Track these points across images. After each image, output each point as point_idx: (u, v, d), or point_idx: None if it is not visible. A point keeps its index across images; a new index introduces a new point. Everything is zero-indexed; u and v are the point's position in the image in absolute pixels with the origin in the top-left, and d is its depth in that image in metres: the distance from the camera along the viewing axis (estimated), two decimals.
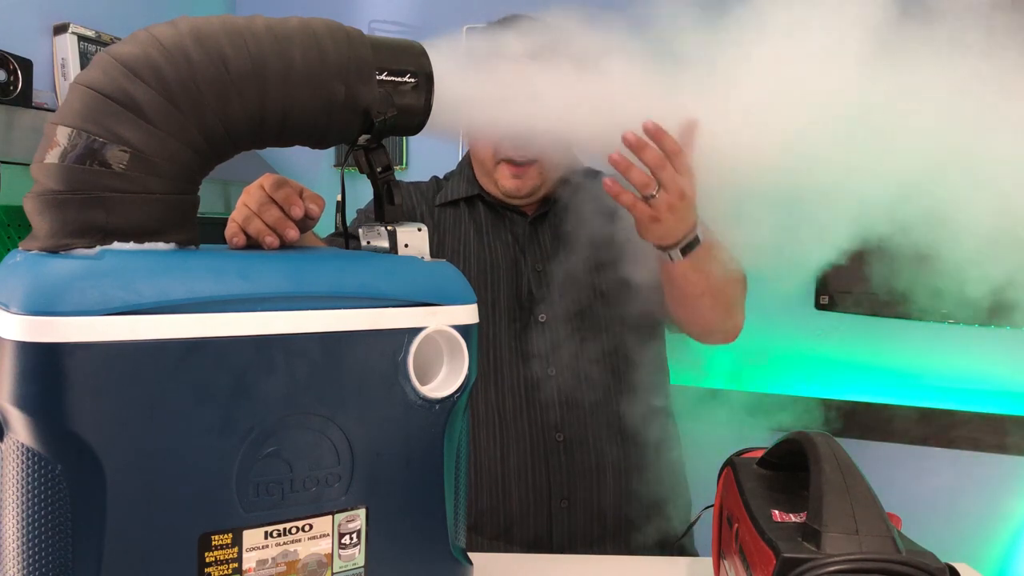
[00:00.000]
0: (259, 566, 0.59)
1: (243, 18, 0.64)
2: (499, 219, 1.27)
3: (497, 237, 1.26)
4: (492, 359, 1.19)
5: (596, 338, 1.21)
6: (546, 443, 1.17)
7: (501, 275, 1.23)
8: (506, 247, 1.25)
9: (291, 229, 0.76)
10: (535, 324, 1.20)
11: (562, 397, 1.18)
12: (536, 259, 1.24)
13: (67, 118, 0.58)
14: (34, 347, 0.51)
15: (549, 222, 1.27)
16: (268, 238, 0.74)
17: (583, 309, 1.21)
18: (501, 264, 1.23)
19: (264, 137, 0.66)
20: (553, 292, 1.21)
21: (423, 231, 0.73)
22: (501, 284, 1.22)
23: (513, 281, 1.23)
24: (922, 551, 0.62)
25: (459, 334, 0.67)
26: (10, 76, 1.59)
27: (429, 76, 0.70)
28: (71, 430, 0.52)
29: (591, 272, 1.23)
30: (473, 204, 1.28)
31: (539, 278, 1.23)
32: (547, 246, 1.25)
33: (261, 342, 0.58)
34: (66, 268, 0.54)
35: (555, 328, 1.20)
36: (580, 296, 1.21)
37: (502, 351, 1.19)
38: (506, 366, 1.19)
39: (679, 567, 0.96)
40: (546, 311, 1.20)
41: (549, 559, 1.01)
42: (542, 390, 1.18)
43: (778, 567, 0.62)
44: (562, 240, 1.25)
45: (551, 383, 1.18)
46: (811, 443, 0.70)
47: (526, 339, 1.19)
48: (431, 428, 0.66)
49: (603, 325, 1.21)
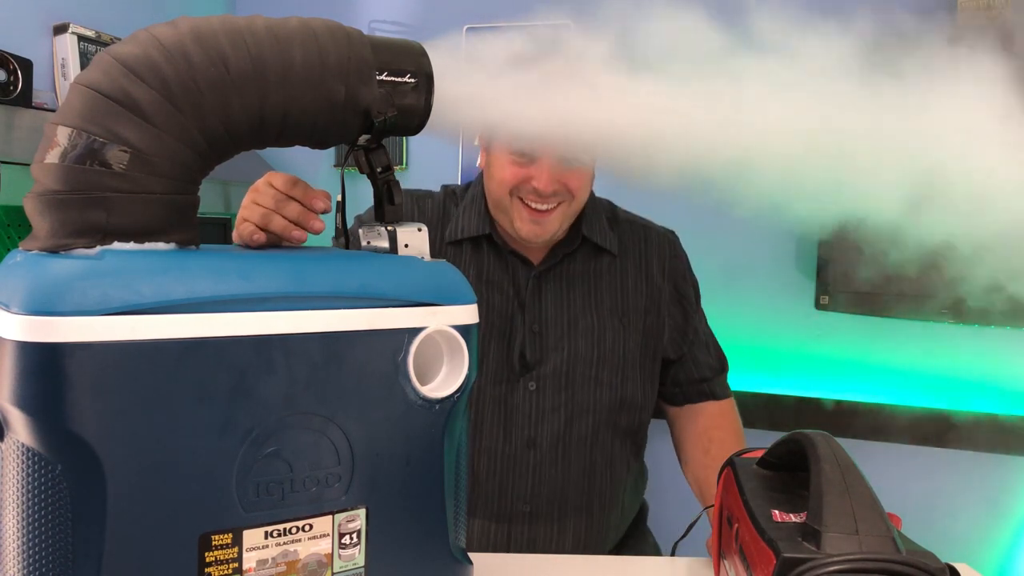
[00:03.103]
0: (259, 566, 0.59)
1: (243, 18, 0.64)
2: (503, 266, 1.20)
3: (498, 287, 1.19)
4: (474, 414, 1.15)
5: (582, 420, 1.17)
6: (512, 512, 1.16)
7: (494, 330, 1.17)
8: (505, 300, 1.18)
9: (316, 221, 0.76)
10: (524, 391, 1.16)
11: (537, 473, 1.16)
12: (535, 319, 1.18)
13: (67, 118, 0.58)
14: (34, 347, 0.51)
15: (555, 278, 1.20)
16: (295, 232, 0.75)
17: (578, 391, 1.17)
18: (496, 320, 1.17)
19: (264, 137, 0.66)
20: (548, 361, 1.16)
21: (423, 231, 0.73)
22: (493, 340, 1.16)
23: (506, 339, 1.17)
24: (922, 551, 0.62)
25: (459, 334, 0.67)
26: (10, 76, 1.59)
27: (429, 76, 0.70)
28: (71, 430, 0.52)
29: (593, 346, 1.18)
30: (479, 243, 1.21)
31: (535, 340, 1.17)
32: (549, 306, 1.19)
33: (261, 342, 0.58)
34: (66, 268, 0.54)
35: (543, 400, 1.16)
36: (576, 373, 1.17)
37: (485, 409, 1.15)
38: (487, 427, 1.15)
39: (679, 567, 0.96)
40: (537, 380, 1.16)
41: (548, 559, 1.01)
42: (518, 462, 1.15)
43: (778, 567, 0.62)
44: (567, 304, 1.19)
45: (528, 456, 1.16)
46: (811, 443, 0.70)
47: (512, 404, 1.16)
48: (431, 428, 0.66)
49: (592, 408, 1.18)
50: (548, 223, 1.13)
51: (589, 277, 1.22)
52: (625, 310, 1.21)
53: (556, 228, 1.14)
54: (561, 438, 1.16)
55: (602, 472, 1.20)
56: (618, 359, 1.20)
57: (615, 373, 1.19)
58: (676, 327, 1.27)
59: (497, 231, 1.20)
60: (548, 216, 1.12)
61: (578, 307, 1.19)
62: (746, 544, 0.70)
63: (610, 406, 1.19)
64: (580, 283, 1.21)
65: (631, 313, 1.22)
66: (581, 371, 1.17)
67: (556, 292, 1.20)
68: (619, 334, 1.20)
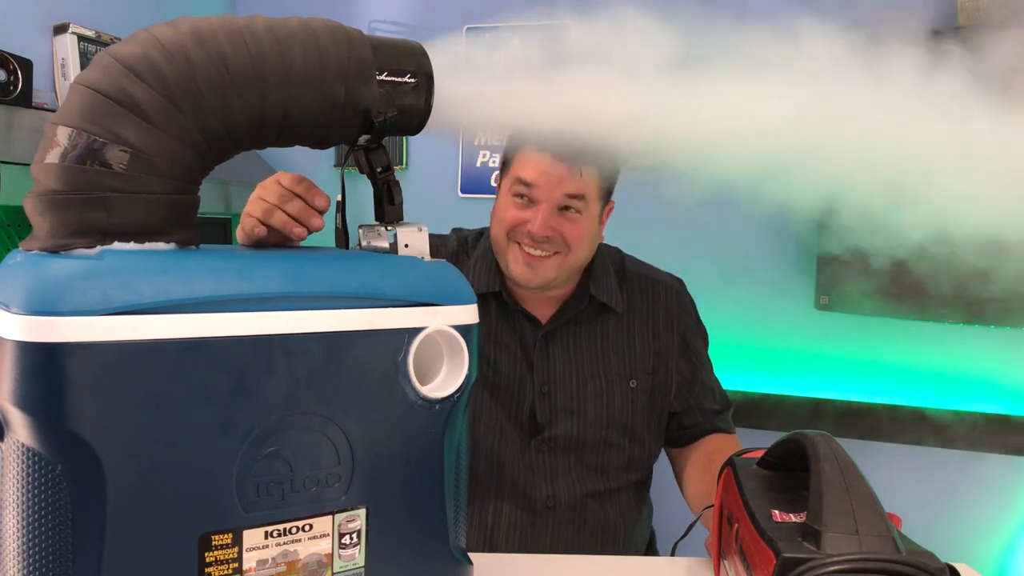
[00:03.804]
0: (259, 566, 0.59)
1: (243, 18, 0.64)
2: (511, 325, 1.20)
3: (506, 347, 1.19)
4: (495, 475, 1.17)
5: (594, 478, 1.20)
6: None
7: (502, 392, 1.18)
8: (513, 360, 1.19)
9: (316, 218, 0.77)
10: (536, 451, 1.18)
11: (555, 530, 1.18)
12: (543, 380, 1.19)
13: (67, 118, 0.58)
14: (34, 347, 0.51)
15: (563, 338, 1.21)
16: (296, 229, 0.76)
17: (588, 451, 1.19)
18: (504, 381, 1.18)
19: (264, 137, 0.66)
20: (558, 423, 1.18)
21: (423, 231, 0.73)
22: (504, 402, 1.18)
23: (515, 401, 1.18)
24: (922, 551, 0.62)
25: (459, 334, 0.67)
26: (10, 76, 1.59)
27: (429, 76, 0.70)
28: (71, 430, 0.52)
29: (602, 410, 1.20)
30: (487, 300, 1.20)
31: (544, 402, 1.18)
32: (557, 367, 1.19)
33: (261, 342, 0.58)
34: (66, 268, 0.54)
35: (556, 460, 1.18)
36: (587, 436, 1.18)
37: (504, 469, 1.17)
38: (508, 485, 1.17)
39: (679, 567, 0.96)
40: (548, 441, 1.18)
41: (547, 559, 1.01)
42: (538, 519, 1.17)
43: (778, 567, 0.62)
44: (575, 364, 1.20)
45: (548, 515, 1.18)
46: (811, 443, 0.70)
47: (527, 464, 1.18)
48: (431, 428, 0.66)
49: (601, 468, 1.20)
50: (541, 269, 1.13)
51: (596, 337, 1.22)
52: (633, 371, 1.22)
53: (550, 277, 1.14)
54: (578, 496, 1.19)
55: (615, 522, 1.22)
56: (627, 421, 1.21)
57: (624, 435, 1.21)
58: (683, 382, 1.27)
59: (506, 288, 1.20)
60: (542, 262, 1.13)
61: (586, 369, 1.20)
62: (746, 544, 0.70)
63: (618, 465, 1.21)
64: (587, 343, 1.21)
65: (639, 375, 1.22)
66: (592, 434, 1.19)
67: (563, 352, 1.20)
68: (627, 397, 1.21)
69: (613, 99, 0.79)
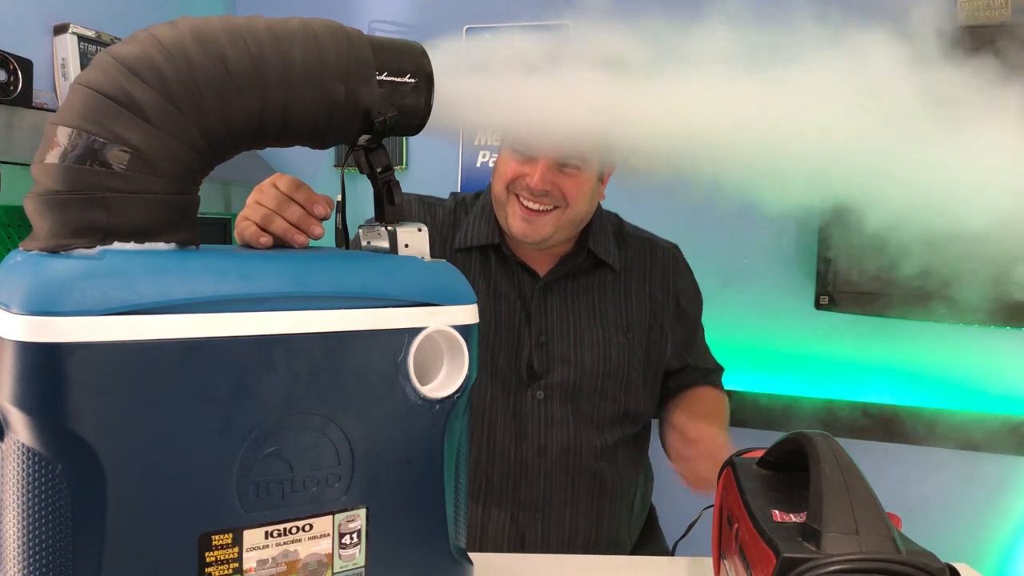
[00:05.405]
0: (259, 566, 0.59)
1: (243, 18, 0.64)
2: (509, 277, 1.21)
3: (504, 298, 1.20)
4: (486, 424, 1.18)
5: (589, 426, 1.20)
6: (523, 518, 1.18)
7: (502, 342, 1.19)
8: (512, 311, 1.20)
9: (316, 226, 0.77)
10: (532, 399, 1.18)
11: (548, 479, 1.18)
12: (541, 331, 1.20)
13: (67, 118, 0.58)
14: (34, 347, 0.51)
15: (560, 290, 1.22)
16: (298, 236, 0.76)
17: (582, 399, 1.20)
18: (503, 330, 1.19)
19: (264, 137, 0.66)
20: (554, 371, 1.19)
21: (423, 231, 0.73)
22: (501, 351, 1.19)
23: (514, 350, 1.19)
24: (922, 551, 0.62)
25: (459, 334, 0.67)
26: (10, 76, 1.59)
27: (429, 76, 0.70)
28: (71, 430, 0.52)
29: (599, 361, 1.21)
30: (487, 253, 1.22)
31: (541, 351, 1.19)
32: (554, 318, 1.20)
33: (261, 342, 0.58)
34: (66, 268, 0.54)
35: (551, 409, 1.18)
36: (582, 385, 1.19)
37: (496, 418, 1.18)
38: (499, 434, 1.18)
39: (679, 567, 0.96)
40: (544, 389, 1.18)
41: (547, 559, 1.01)
42: (530, 467, 1.18)
43: (778, 567, 0.62)
44: (572, 316, 1.21)
45: (539, 463, 1.18)
46: (811, 443, 0.70)
47: (521, 412, 1.18)
48: (431, 428, 0.66)
49: (596, 415, 1.20)
50: (540, 224, 1.13)
51: (593, 291, 1.23)
52: (629, 325, 1.23)
53: (549, 232, 1.14)
54: (571, 447, 1.19)
55: (610, 478, 1.22)
56: (623, 374, 1.22)
57: (619, 388, 1.22)
58: (680, 342, 1.29)
59: (505, 241, 1.21)
60: (541, 217, 1.13)
61: (583, 321, 1.21)
62: (746, 544, 0.70)
63: (613, 418, 1.21)
64: (584, 296, 1.23)
65: (635, 328, 1.24)
66: (588, 384, 1.19)
67: (561, 305, 1.21)
68: (624, 349, 1.22)
69: (613, 98, 0.79)
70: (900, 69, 0.74)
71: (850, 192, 0.77)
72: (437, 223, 1.24)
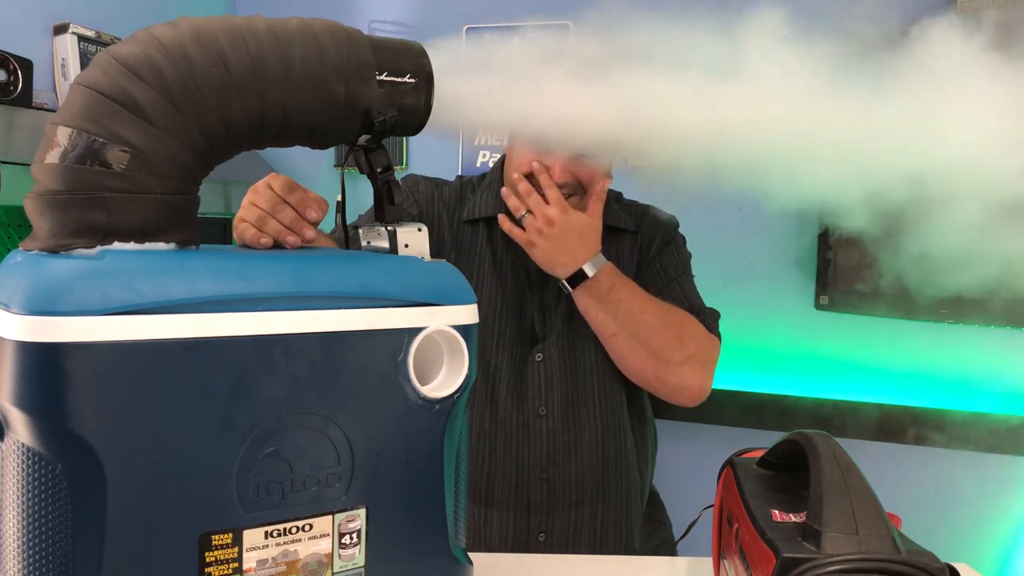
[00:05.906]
0: (259, 566, 0.59)
1: (243, 18, 0.64)
2: (515, 245, 1.22)
3: (510, 268, 1.24)
4: (490, 390, 1.19)
5: (587, 384, 1.21)
6: (530, 481, 1.19)
7: (508, 309, 1.22)
8: (517, 279, 1.23)
9: (308, 229, 0.78)
10: (532, 362, 1.20)
11: (551, 439, 1.19)
12: (543, 300, 1.23)
13: (67, 118, 0.58)
14: (34, 347, 0.51)
15: None
16: (290, 238, 0.76)
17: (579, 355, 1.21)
18: (509, 297, 1.22)
19: (264, 137, 0.66)
20: (553, 335, 1.21)
21: (423, 231, 0.73)
22: (507, 318, 1.21)
23: (517, 316, 1.22)
24: (922, 551, 0.62)
25: (459, 334, 0.67)
26: (10, 76, 1.59)
27: (429, 76, 0.70)
28: (71, 430, 0.52)
29: None
30: (493, 225, 1.25)
31: (543, 318, 1.22)
32: (555, 288, 1.22)
33: (261, 342, 0.58)
34: (66, 268, 0.54)
35: (550, 369, 1.20)
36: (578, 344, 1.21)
37: (500, 384, 1.19)
38: (502, 399, 1.19)
39: (679, 567, 0.96)
40: (544, 351, 1.20)
41: (547, 559, 1.01)
42: (532, 429, 1.19)
43: (778, 567, 0.62)
44: None
45: (541, 423, 1.19)
46: (811, 443, 0.70)
47: (523, 376, 1.20)
48: (431, 428, 0.66)
49: (595, 371, 1.22)
50: None
51: None
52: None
53: None
54: (571, 403, 1.20)
55: (615, 434, 1.22)
56: None
57: None
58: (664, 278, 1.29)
59: None
60: None
61: None
62: (746, 544, 0.70)
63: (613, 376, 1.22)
64: None
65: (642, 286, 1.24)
66: (582, 333, 1.20)
67: None
68: None
69: (613, 98, 0.79)
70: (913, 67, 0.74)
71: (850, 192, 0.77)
72: (444, 199, 1.28)
